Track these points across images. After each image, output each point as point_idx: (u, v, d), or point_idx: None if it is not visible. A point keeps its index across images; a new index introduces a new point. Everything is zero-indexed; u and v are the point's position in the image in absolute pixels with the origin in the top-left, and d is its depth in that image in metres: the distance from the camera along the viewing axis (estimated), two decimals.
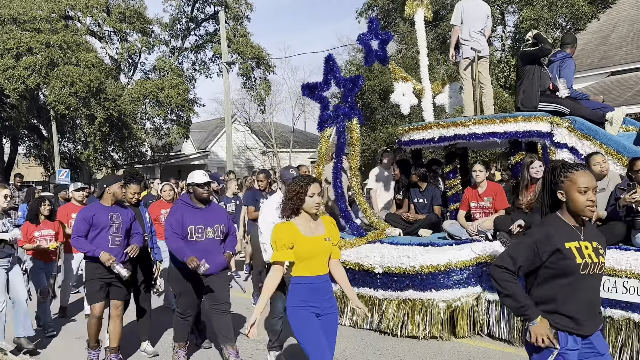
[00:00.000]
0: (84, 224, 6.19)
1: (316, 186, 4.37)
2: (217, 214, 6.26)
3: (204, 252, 5.90)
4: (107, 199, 6.34)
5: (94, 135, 30.77)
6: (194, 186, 6.10)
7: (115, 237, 6.26)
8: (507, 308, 6.47)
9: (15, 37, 28.80)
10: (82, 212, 6.40)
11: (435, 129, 8.19)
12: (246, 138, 41.78)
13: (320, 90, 8.45)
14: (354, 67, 25.92)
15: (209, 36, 36.09)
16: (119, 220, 6.32)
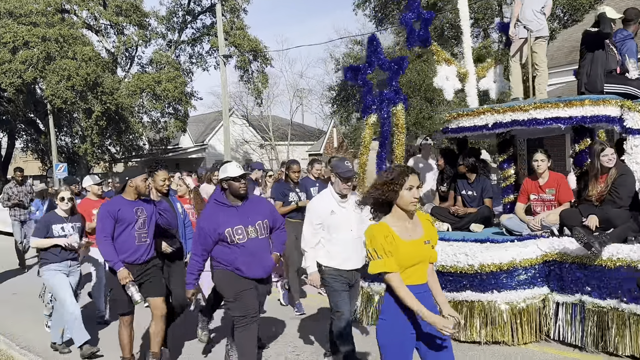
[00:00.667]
0: (109, 221, 5.70)
1: (415, 178, 3.72)
2: (256, 209, 5.42)
3: (249, 255, 5.22)
4: (130, 192, 5.88)
5: (91, 129, 30.75)
6: (229, 181, 5.29)
7: (141, 233, 5.83)
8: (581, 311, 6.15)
9: (12, 31, 28.74)
10: (105, 208, 5.85)
11: (489, 114, 7.55)
12: (244, 131, 41.78)
13: (364, 73, 8.01)
14: (352, 59, 25.90)
15: (206, 29, 36.01)
16: (144, 215, 5.87)
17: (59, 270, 6.63)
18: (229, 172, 5.27)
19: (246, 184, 5.41)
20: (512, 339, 6.31)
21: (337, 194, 5.41)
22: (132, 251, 5.76)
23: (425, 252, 3.74)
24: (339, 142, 37.49)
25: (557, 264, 6.34)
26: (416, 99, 24.03)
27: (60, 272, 6.63)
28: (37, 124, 36.01)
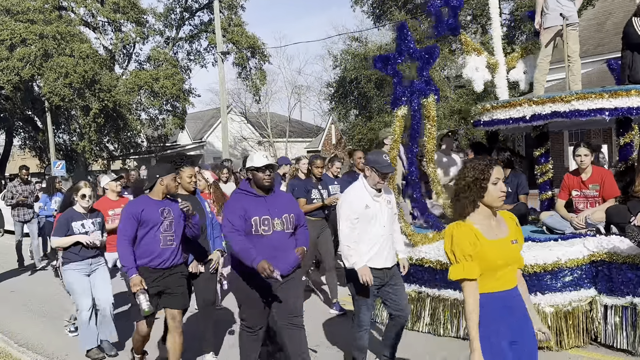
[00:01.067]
0: (131, 223, 5.30)
1: (499, 170, 3.39)
2: (284, 203, 5.16)
3: (273, 248, 4.88)
4: (159, 192, 5.47)
5: (89, 127, 30.71)
6: (253, 171, 5.02)
7: (167, 235, 5.42)
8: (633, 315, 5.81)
9: (9, 28, 28.69)
10: (129, 208, 5.43)
11: (526, 106, 7.18)
12: (242, 128, 41.75)
13: (394, 63, 7.56)
14: (350, 56, 25.88)
15: (204, 26, 35.94)
16: (171, 216, 5.44)
17: (79, 269, 6.39)
18: (255, 161, 5.01)
19: (271, 175, 5.10)
20: (558, 344, 5.99)
21: (371, 188, 5.16)
22: (156, 255, 5.38)
23: (513, 252, 3.40)
24: (337, 139, 37.48)
25: (605, 264, 6.00)
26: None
27: (80, 273, 6.38)
28: (35, 121, 35.97)
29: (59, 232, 6.33)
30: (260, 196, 5.03)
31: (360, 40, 27.29)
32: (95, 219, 6.59)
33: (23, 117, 35.82)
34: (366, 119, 25.51)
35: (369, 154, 5.54)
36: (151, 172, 5.67)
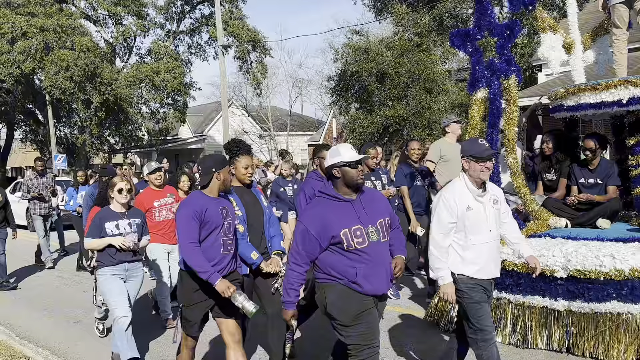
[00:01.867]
0: (194, 224, 4.52)
1: None
2: (374, 204, 4.20)
3: (373, 265, 4.02)
4: (215, 188, 4.69)
5: (90, 120, 30.76)
6: (343, 167, 4.05)
7: (227, 240, 4.70)
8: None
9: (10, 22, 28.67)
10: (189, 207, 4.59)
11: (623, 87, 6.18)
12: (243, 122, 41.69)
13: (473, 39, 6.81)
14: (351, 49, 25.82)
15: (205, 19, 35.89)
16: (229, 217, 4.73)
17: (115, 274, 5.67)
18: (344, 155, 4.08)
19: (363, 171, 4.27)
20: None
21: (473, 186, 4.41)
22: (216, 262, 4.62)
23: None
24: (338, 132, 37.44)
25: None
26: (415, 89, 23.98)
27: (116, 277, 5.67)
28: (36, 114, 35.96)
29: (92, 233, 5.67)
30: (346, 200, 4.11)
31: (361, 33, 27.20)
32: (134, 219, 5.81)
33: (24, 110, 35.82)
34: (367, 113, 25.47)
35: (462, 144, 4.84)
36: (205, 165, 4.72)
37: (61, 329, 7.34)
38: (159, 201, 7.25)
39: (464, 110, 24.11)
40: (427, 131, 23.69)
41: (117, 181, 5.80)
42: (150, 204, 7.15)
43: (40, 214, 11.93)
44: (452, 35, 7.02)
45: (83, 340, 6.83)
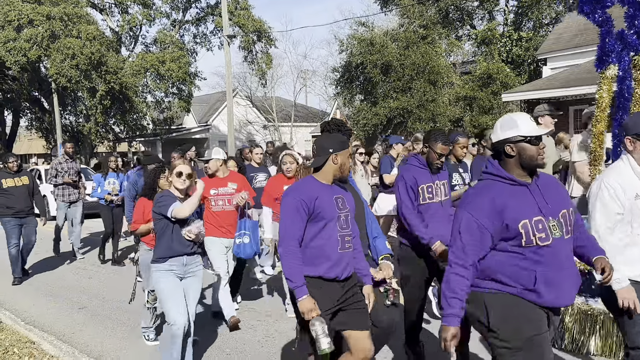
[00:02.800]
0: (300, 217, 3.74)
1: None
2: (553, 190, 3.27)
3: (556, 267, 3.11)
4: (329, 172, 3.88)
5: (95, 108, 30.76)
6: (520, 143, 3.17)
7: (345, 235, 3.85)
8: None
9: (16, 9, 28.66)
10: (296, 192, 3.83)
11: None
12: (247, 112, 41.69)
13: (603, 6, 5.94)
14: (356, 41, 25.78)
15: (210, 9, 35.81)
16: (346, 209, 3.90)
17: (171, 270, 4.89)
18: (522, 127, 3.18)
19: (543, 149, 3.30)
20: None
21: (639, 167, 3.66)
22: (333, 262, 3.78)
23: None
24: None
25: None
26: (420, 81, 23.95)
27: (173, 275, 4.90)
28: (42, 102, 35.99)
29: (173, 202, 4.83)
30: (522, 184, 3.19)
31: (366, 25, 27.16)
32: None
33: (30, 98, 35.83)
34: (371, 104, 25.46)
35: (627, 120, 4.07)
36: (321, 145, 3.91)
37: (66, 315, 7.40)
38: (216, 189, 6.58)
39: (468, 104, 24.11)
40: (431, 124, 23.68)
41: (178, 163, 5.05)
42: (206, 192, 6.11)
43: (69, 200, 10.98)
44: (582, 2, 6.11)
45: (87, 326, 6.88)
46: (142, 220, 5.73)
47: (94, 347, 6.08)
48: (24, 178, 9.22)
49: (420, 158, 4.85)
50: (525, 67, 24.81)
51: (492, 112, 23.53)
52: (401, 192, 4.81)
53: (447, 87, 25.02)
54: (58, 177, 10.88)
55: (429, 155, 4.79)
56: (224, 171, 6.69)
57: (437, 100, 24.00)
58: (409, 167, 4.86)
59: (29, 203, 9.18)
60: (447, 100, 24.44)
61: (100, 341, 6.31)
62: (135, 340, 6.27)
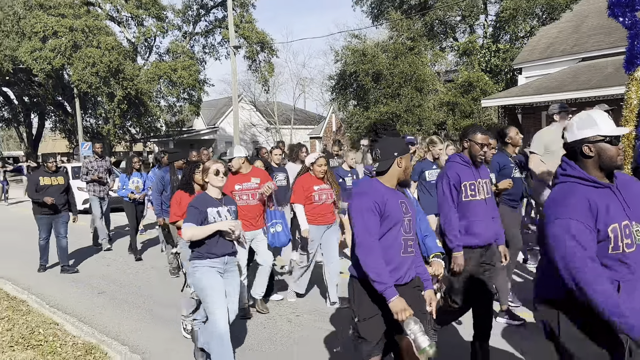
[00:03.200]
0: (374, 217, 3.33)
1: None
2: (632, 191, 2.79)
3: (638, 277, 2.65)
4: (394, 176, 3.48)
5: (113, 112, 30.75)
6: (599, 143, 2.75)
7: (408, 240, 3.50)
8: None
9: (42, 22, 28.64)
10: (368, 195, 3.38)
11: None
12: (251, 116, 41.70)
13: (633, 9, 5.51)
14: (350, 51, 25.77)
15: (218, 22, 35.78)
16: (409, 213, 3.52)
17: (214, 267, 4.51)
18: (602, 127, 2.75)
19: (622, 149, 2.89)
20: None
21: None
22: (395, 266, 3.44)
23: None
24: (337, 126, 37.41)
25: None
26: (407, 88, 23.96)
27: (215, 272, 4.51)
28: (65, 106, 35.97)
29: (193, 219, 4.40)
30: (606, 186, 2.73)
31: (359, 37, 27.14)
32: (230, 206, 4.71)
33: (54, 102, 35.84)
34: (363, 109, 25.48)
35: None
36: (386, 149, 3.49)
37: (87, 299, 7.42)
38: (240, 185, 6.40)
39: (450, 109, 24.13)
40: (417, 127, 23.71)
41: (212, 163, 4.68)
42: (231, 187, 6.22)
43: (99, 195, 11.04)
44: (612, 5, 5.71)
45: (106, 309, 6.89)
46: (179, 213, 5.47)
47: (112, 328, 6.10)
48: (59, 178, 9.05)
49: (463, 155, 4.51)
50: (502, 76, 24.83)
51: (472, 116, 23.55)
52: (444, 189, 4.47)
53: (432, 94, 25.02)
54: (89, 174, 10.95)
55: (471, 149, 4.46)
56: (247, 167, 6.53)
57: (423, 105, 24.01)
58: (452, 165, 4.53)
59: (62, 201, 8.98)
60: (432, 105, 24.45)
61: (118, 322, 6.33)
62: (150, 322, 6.29)
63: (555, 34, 20.61)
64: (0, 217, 17.12)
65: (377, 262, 3.26)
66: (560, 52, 19.18)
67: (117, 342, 5.64)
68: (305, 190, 6.52)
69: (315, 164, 6.52)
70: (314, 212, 6.52)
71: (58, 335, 5.61)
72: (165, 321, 6.30)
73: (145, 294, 7.45)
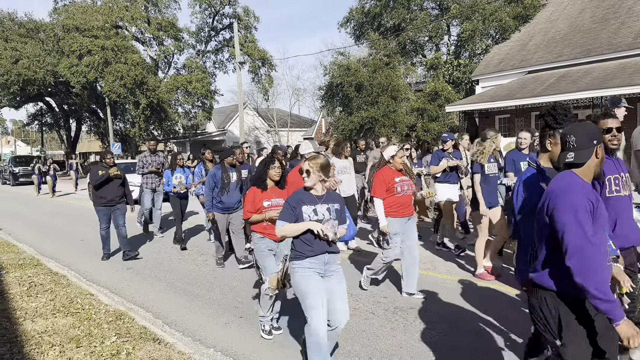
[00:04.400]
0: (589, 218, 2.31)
1: None
2: None
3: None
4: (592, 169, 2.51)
5: (139, 117, 30.63)
6: None
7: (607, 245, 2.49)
8: None
9: (78, 42, 28.47)
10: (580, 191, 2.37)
11: None
12: (254, 120, 41.59)
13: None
14: (336, 66, 25.70)
15: (226, 41, 35.61)
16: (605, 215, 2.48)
17: (312, 268, 3.55)
18: None
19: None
20: None
21: None
22: None
23: None
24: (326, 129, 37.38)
25: None
26: (384, 97, 23.97)
27: (313, 274, 3.54)
28: (98, 112, 35.78)
29: (286, 217, 3.56)
30: None
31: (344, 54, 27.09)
32: (332, 204, 3.65)
33: (89, 109, 35.64)
34: (348, 114, 25.46)
35: None
36: (583, 136, 2.50)
37: (117, 273, 7.38)
38: None
39: (420, 114, 24.14)
40: (392, 129, 23.72)
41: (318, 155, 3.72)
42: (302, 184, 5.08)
43: (151, 187, 10.25)
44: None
45: (133, 282, 6.86)
46: (252, 209, 4.61)
47: (138, 298, 6.08)
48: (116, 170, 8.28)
49: None
50: (463, 86, 24.85)
51: (438, 119, 23.57)
52: None
53: (405, 102, 25.00)
54: (144, 168, 10.17)
55: None
56: None
57: (397, 111, 24.01)
58: None
59: (119, 193, 8.18)
60: (405, 111, 24.44)
61: (144, 294, 6.31)
62: (171, 293, 6.27)
63: (506, 51, 20.63)
64: (49, 206, 17.00)
65: (600, 276, 2.23)
66: (510, 66, 19.22)
67: (142, 309, 5.63)
68: (386, 183, 5.55)
69: (396, 156, 5.59)
70: (396, 204, 5.53)
71: (93, 304, 5.59)
72: (190, 295, 6.28)
73: (166, 269, 7.42)
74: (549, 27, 19.94)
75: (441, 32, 26.14)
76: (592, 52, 16.52)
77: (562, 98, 14.22)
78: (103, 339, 4.45)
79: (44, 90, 33.11)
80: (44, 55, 30.39)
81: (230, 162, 7.31)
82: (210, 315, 5.31)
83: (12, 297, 5.78)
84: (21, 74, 29.35)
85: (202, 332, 4.83)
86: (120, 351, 4.14)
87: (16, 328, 4.73)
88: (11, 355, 4.07)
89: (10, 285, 6.35)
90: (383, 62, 24.84)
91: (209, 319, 5.20)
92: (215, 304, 5.65)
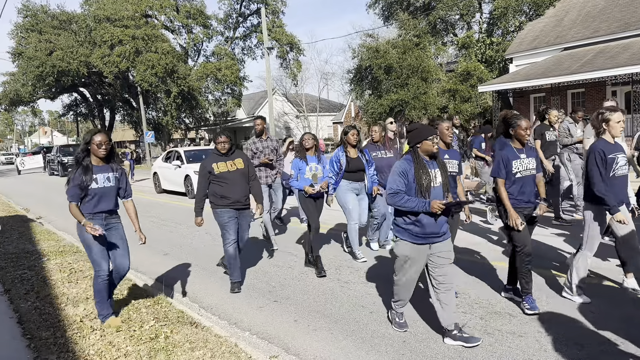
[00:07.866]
0: None
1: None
2: None
3: None
4: None
5: (170, 106, 31.01)
6: None
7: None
8: None
9: (109, 32, 28.88)
10: None
11: None
12: (283, 106, 41.69)
13: None
14: (365, 49, 25.44)
15: (254, 27, 35.63)
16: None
17: None
18: None
19: None
20: None
21: None
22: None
23: None
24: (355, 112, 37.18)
25: None
26: (414, 78, 23.63)
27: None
28: (131, 102, 36.37)
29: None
30: None
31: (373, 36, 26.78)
32: None
33: (122, 99, 36.25)
34: (377, 97, 25.23)
35: None
36: None
37: (155, 259, 7.51)
38: None
39: (452, 95, 23.74)
40: (423, 111, 23.41)
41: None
42: None
43: (266, 182, 7.57)
44: None
45: (166, 267, 6.96)
46: None
47: (171, 280, 6.20)
48: (237, 161, 5.50)
49: None
50: (496, 65, 24.29)
51: (470, 100, 23.15)
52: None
53: (436, 83, 24.62)
54: (254, 159, 7.41)
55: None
56: None
57: (428, 92, 23.68)
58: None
59: (246, 192, 5.51)
60: (436, 92, 24.09)
61: (175, 273, 6.42)
62: (205, 278, 6.36)
63: (540, 28, 20.04)
64: None
65: None
66: (545, 43, 18.68)
67: (179, 293, 5.73)
68: None
69: None
70: None
71: (131, 288, 5.72)
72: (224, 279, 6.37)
73: (201, 255, 7.52)
74: (585, 2, 19.24)
75: (473, 9, 25.55)
76: (631, 25, 15.87)
77: (600, 75, 13.73)
78: (142, 323, 4.55)
79: (78, 81, 33.81)
80: (76, 46, 30.96)
81: None
82: (244, 299, 5.37)
83: (54, 284, 5.96)
84: (55, 65, 29.99)
85: (237, 316, 4.89)
86: (159, 335, 4.22)
87: (58, 313, 4.88)
88: (55, 339, 4.21)
89: (51, 272, 6.54)
90: (413, 42, 24.46)
91: (244, 303, 5.26)
92: (250, 288, 5.70)
